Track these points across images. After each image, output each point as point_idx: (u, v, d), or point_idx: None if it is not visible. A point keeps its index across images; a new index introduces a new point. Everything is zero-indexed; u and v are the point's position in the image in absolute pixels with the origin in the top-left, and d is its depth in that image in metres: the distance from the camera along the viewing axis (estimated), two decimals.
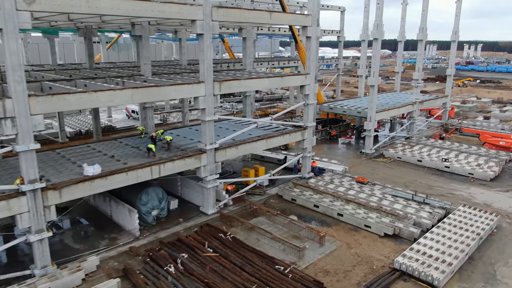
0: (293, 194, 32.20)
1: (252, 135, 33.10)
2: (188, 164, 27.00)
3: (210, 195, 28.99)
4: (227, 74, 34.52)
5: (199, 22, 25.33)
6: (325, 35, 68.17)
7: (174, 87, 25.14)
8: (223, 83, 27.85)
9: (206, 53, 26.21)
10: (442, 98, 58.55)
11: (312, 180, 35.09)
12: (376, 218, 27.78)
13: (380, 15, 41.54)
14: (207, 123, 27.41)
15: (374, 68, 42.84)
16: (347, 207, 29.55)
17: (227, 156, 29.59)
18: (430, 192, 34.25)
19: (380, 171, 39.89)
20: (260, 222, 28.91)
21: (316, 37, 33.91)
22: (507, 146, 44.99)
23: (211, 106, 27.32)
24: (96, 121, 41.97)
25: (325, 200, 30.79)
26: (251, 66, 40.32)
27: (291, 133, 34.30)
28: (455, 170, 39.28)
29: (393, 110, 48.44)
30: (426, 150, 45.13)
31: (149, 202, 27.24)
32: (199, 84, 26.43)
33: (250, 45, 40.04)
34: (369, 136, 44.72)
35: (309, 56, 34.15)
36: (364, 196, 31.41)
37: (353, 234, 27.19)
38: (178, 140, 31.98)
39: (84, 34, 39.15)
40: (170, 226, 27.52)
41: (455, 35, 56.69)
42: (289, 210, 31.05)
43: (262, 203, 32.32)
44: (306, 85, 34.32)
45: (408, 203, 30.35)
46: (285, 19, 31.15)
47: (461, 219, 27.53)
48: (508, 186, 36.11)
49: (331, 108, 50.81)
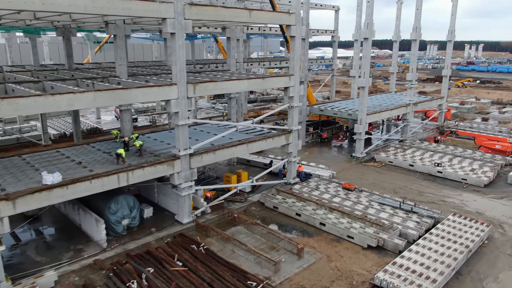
0: (275, 201, 30.65)
1: (232, 139, 31.56)
2: (159, 171, 25.49)
3: (185, 203, 27.47)
4: (207, 76, 33.00)
5: (170, 20, 23.83)
6: (318, 35, 66.59)
7: (142, 89, 23.62)
8: (198, 85, 26.34)
9: (178, 54, 24.71)
10: (438, 99, 56.85)
11: (296, 186, 33.53)
12: (360, 228, 26.21)
13: (371, 14, 39.94)
14: (180, 127, 25.91)
15: (365, 69, 41.25)
16: (330, 216, 27.98)
17: (203, 162, 28.07)
18: (421, 199, 32.67)
19: (369, 176, 38.28)
20: (238, 232, 27.41)
21: (300, 37, 32.35)
22: (503, 149, 43.32)
23: (185, 110, 25.81)
24: (76, 124, 40.61)
25: (308, 208, 29.23)
26: (235, 67, 38.83)
27: (275, 137, 32.74)
28: (448, 175, 37.64)
29: (385, 112, 46.82)
30: (419, 153, 43.49)
31: (119, 211, 25.75)
32: (171, 86, 24.92)
33: (234, 45, 38.57)
34: (359, 139, 43.12)
35: (293, 56, 32.59)
36: (349, 204, 29.84)
37: (335, 245, 25.62)
38: (154, 145, 30.50)
39: (62, 34, 37.80)
40: (141, 237, 26.01)
41: (451, 35, 55.00)
42: (270, 218, 29.52)
43: (243, 210, 30.81)
44: (291, 86, 32.76)
45: (395, 211, 28.76)
46: (265, 17, 29.61)
47: (450, 229, 25.93)
48: (503, 193, 34.45)
49: (322, 110, 49.22)
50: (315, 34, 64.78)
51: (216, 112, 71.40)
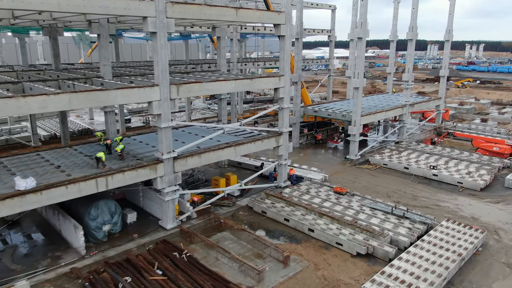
0: (264, 206, 29.71)
1: (220, 142, 30.65)
2: (141, 175, 24.58)
3: (169, 208, 26.56)
4: (194, 76, 32.07)
5: (151, 19, 22.92)
6: (314, 35, 65.64)
7: (121, 91, 22.70)
8: (182, 86, 25.42)
9: (160, 54, 23.79)
10: (435, 100, 55.82)
11: (286, 190, 32.60)
12: (350, 234, 25.25)
13: (365, 13, 38.99)
14: (163, 130, 24.99)
15: (359, 69, 40.29)
16: (319, 222, 27.04)
17: (188, 165, 27.16)
18: (414, 204, 31.71)
19: (363, 179, 37.32)
20: (224, 238, 26.50)
21: (290, 36, 31.41)
22: (501, 152, 42.31)
23: (168, 112, 24.89)
24: (63, 125, 39.68)
25: (297, 213, 28.29)
26: (225, 67, 37.91)
27: (264, 139, 31.81)
28: (443, 178, 36.65)
29: (380, 113, 45.84)
30: (415, 156, 42.50)
31: (99, 216, 24.85)
32: (152, 87, 24.00)
33: (224, 44, 37.65)
34: (353, 141, 42.16)
35: (283, 56, 31.66)
36: (340, 209, 28.89)
37: (323, 253, 24.68)
38: (139, 148, 29.62)
39: (49, 34, 36.89)
40: (123, 243, 25.09)
41: (448, 34, 53.99)
42: (257, 224, 28.59)
43: (231, 215, 29.90)
44: (281, 87, 31.85)
45: (386, 217, 27.80)
46: (254, 16, 28.66)
47: (442, 236, 24.96)
48: (499, 197, 33.47)
49: (316, 111, 48.25)
50: (310, 33, 63.89)
51: (211, 113, 70.50)
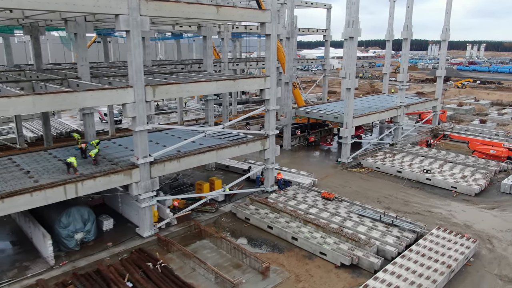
0: (247, 212, 28.49)
1: (203, 145, 29.43)
2: (114, 181, 23.37)
3: (145, 215, 25.37)
4: (177, 77, 30.86)
5: (123, 17, 21.71)
6: (309, 34, 64.37)
7: (91, 92, 21.53)
8: (158, 88, 24.21)
9: (134, 54, 22.59)
10: (432, 101, 54.48)
11: (272, 196, 31.37)
12: (334, 243, 24.01)
13: (356, 11, 37.78)
14: (138, 133, 23.80)
15: (350, 70, 39.01)
16: (303, 230, 25.81)
17: (166, 170, 25.95)
18: (405, 210, 30.45)
19: (354, 183, 36.05)
20: (203, 246, 25.32)
21: (275, 35, 30.16)
22: (497, 155, 40.96)
23: (143, 114, 23.69)
24: (45, 127, 38.62)
25: (281, 221, 27.07)
26: (212, 68, 36.69)
27: (249, 142, 30.57)
28: (437, 183, 35.35)
29: (373, 115, 44.53)
30: (409, 159, 41.20)
31: (71, 224, 23.67)
32: (126, 89, 22.81)
33: (210, 44, 36.43)
34: (345, 143, 40.88)
35: (268, 56, 30.43)
36: (326, 216, 27.64)
37: (306, 263, 23.46)
38: (118, 151, 28.41)
39: (29, 33, 35.77)
40: (95, 252, 23.90)
41: (445, 34, 52.64)
42: (240, 231, 27.37)
43: (213, 222, 28.70)
44: (266, 88, 30.60)
45: (374, 224, 26.54)
46: (236, 14, 27.44)
47: (432, 245, 23.69)
48: (494, 203, 32.15)
49: (307, 113, 46.98)
50: (304, 33, 62.65)
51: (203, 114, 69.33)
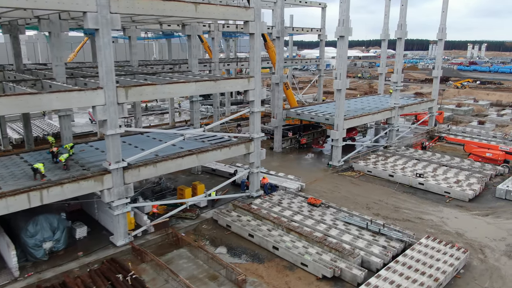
0: (228, 219, 27.24)
1: (183, 149, 28.19)
2: (84, 188, 22.15)
3: (119, 222, 24.14)
4: (157, 78, 29.61)
5: (91, 14, 20.51)
6: (303, 33, 63.03)
7: (57, 94, 20.31)
8: (131, 89, 22.99)
9: (104, 53, 21.38)
10: (428, 102, 53.11)
11: (257, 201, 30.11)
12: (316, 254, 22.73)
13: (346, 9, 36.49)
14: (110, 137, 22.58)
15: (341, 70, 37.73)
16: (285, 238, 24.54)
17: (141, 176, 24.72)
18: (395, 216, 29.16)
19: (343, 188, 34.75)
20: (180, 256, 24.09)
21: (259, 34, 28.92)
22: (494, 158, 39.59)
23: (115, 117, 22.46)
24: (26, 129, 37.49)
25: (263, 228, 25.80)
26: (197, 68, 35.46)
27: (232, 145, 29.30)
28: (430, 187, 34.02)
29: (366, 116, 43.18)
30: (402, 162, 39.87)
31: (39, 233, 22.46)
32: (95, 90, 21.59)
33: (196, 43, 35.19)
34: (336, 146, 39.58)
35: (252, 56, 29.18)
36: (310, 223, 26.37)
37: (286, 274, 22.19)
38: (93, 155, 27.19)
39: (8, 32, 34.62)
40: (65, 263, 22.68)
41: (441, 33, 51.26)
42: (220, 239, 26.11)
43: (193, 229, 27.46)
44: (250, 89, 29.35)
45: (361, 233, 25.25)
46: (217, 12, 26.20)
47: (420, 256, 22.39)
48: (489, 209, 30.81)
49: (298, 114, 45.69)
50: (299, 32, 61.36)
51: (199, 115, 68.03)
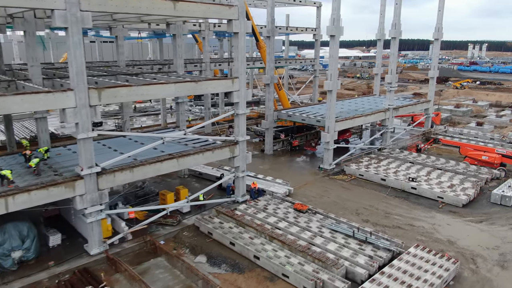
0: (210, 226, 26.14)
1: (164, 152, 27.11)
2: (54, 195, 21.08)
3: (93, 230, 23.08)
4: (137, 79, 28.53)
5: (59, 12, 19.47)
6: (298, 33, 61.87)
7: (22, 96, 19.27)
8: (105, 91, 21.92)
9: (74, 53, 20.31)
10: (424, 103, 51.94)
11: (241, 207, 29.00)
12: (299, 264, 21.62)
13: (337, 8, 35.35)
14: (81, 141, 21.57)
15: (331, 71, 36.61)
16: (268, 247, 23.42)
17: (116, 181, 23.64)
18: (385, 223, 28.02)
19: (333, 192, 33.62)
20: (156, 265, 23.01)
21: (244, 33, 27.81)
22: (490, 161, 38.40)
23: (87, 120, 21.45)
24: (8, 131, 36.32)
25: (245, 236, 24.70)
26: (182, 68, 34.38)
27: (215, 149, 28.17)
28: (423, 192, 32.87)
29: (359, 118, 42.04)
30: (395, 165, 38.71)
31: (6, 242, 21.41)
32: (65, 92, 20.54)
33: (181, 43, 34.13)
34: (327, 149, 38.44)
35: (237, 56, 28.10)
36: (295, 231, 25.24)
37: (266, 286, 21.10)
38: (70, 159, 26.08)
39: None
40: (34, 273, 21.60)
41: (438, 33, 50.07)
42: (200, 247, 25.01)
43: (173, 236, 26.36)
44: (235, 91, 28.26)
45: (347, 241, 24.11)
46: (198, 10, 25.07)
47: (407, 267, 21.26)
48: (483, 215, 29.65)
49: (290, 116, 44.58)
50: (293, 32, 60.24)
51: (192, 115, 67.02)
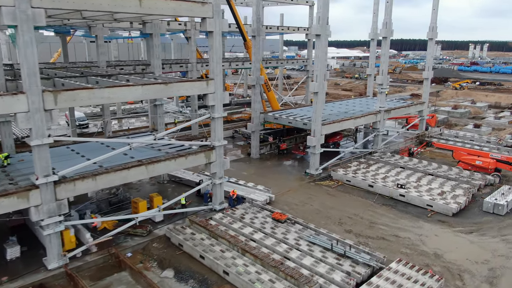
0: (181, 237, 24.57)
1: (134, 158, 25.57)
2: (4, 206, 19.48)
3: (51, 243, 21.55)
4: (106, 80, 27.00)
5: (7, 9, 17.97)
6: (289, 33, 60.29)
7: None
8: (62, 94, 20.37)
9: (25, 53, 18.79)
10: (417, 105, 50.27)
11: (217, 216, 27.43)
12: (269, 281, 20.02)
13: (323, 6, 33.72)
14: (36, 148, 20.02)
15: (318, 72, 35.00)
16: (238, 261, 21.83)
17: (77, 190, 22.06)
18: (369, 234, 26.39)
19: (317, 199, 31.99)
20: (119, 281, 21.50)
21: (219, 32, 26.24)
22: (484, 166, 36.69)
23: (41, 125, 19.89)
24: None
25: (216, 249, 23.11)
26: (160, 69, 32.85)
27: (189, 155, 26.56)
28: (411, 200, 31.23)
29: (347, 121, 40.38)
30: (385, 170, 37.05)
31: None
32: (15, 96, 19.01)
33: (158, 43, 32.59)
34: (313, 153, 36.82)
35: (212, 56, 26.51)
36: (270, 243, 23.64)
37: None
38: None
39: None
40: None
41: (432, 32, 48.36)
42: (169, 260, 23.43)
43: (142, 248, 24.81)
44: (210, 93, 26.69)
45: (324, 255, 22.49)
46: (166, 8, 23.52)
47: (387, 285, 19.65)
48: (474, 225, 27.97)
49: (276, 118, 42.98)
50: (284, 31, 58.68)
51: (183, 117, 65.47)
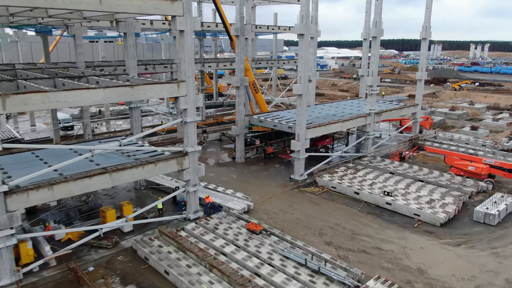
0: (147, 250, 23.02)
1: (100, 165, 24.05)
2: None
3: (2, 258, 20.05)
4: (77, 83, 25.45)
5: None
6: (280, 33, 58.70)
7: None
8: (11, 98, 18.83)
9: None
10: (410, 107, 48.55)
11: (189, 226, 25.85)
12: None
13: (307, 4, 32.19)
14: None
15: (301, 73, 33.41)
16: (204, 278, 20.26)
17: (31, 201, 20.51)
18: (350, 246, 24.78)
19: (299, 208, 30.38)
20: None
21: (191, 32, 24.69)
22: (477, 172, 35.02)
23: None
24: None
25: (182, 264, 21.54)
26: (135, 70, 31.33)
27: (158, 162, 25.00)
28: (398, 208, 29.59)
29: (335, 124, 38.70)
30: (373, 176, 35.38)
31: None
32: None
33: (132, 43, 31.07)
34: (298, 158, 35.22)
35: (183, 57, 24.95)
36: (242, 257, 22.04)
37: None
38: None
39: None
40: None
41: (425, 32, 46.61)
42: (132, 275, 21.89)
43: (106, 261, 23.27)
44: (181, 96, 25.13)
45: (298, 271, 20.89)
46: (129, 5, 21.99)
47: None
48: (463, 236, 26.31)
49: (261, 121, 41.38)
50: (275, 31, 57.05)
51: (172, 119, 64.04)
